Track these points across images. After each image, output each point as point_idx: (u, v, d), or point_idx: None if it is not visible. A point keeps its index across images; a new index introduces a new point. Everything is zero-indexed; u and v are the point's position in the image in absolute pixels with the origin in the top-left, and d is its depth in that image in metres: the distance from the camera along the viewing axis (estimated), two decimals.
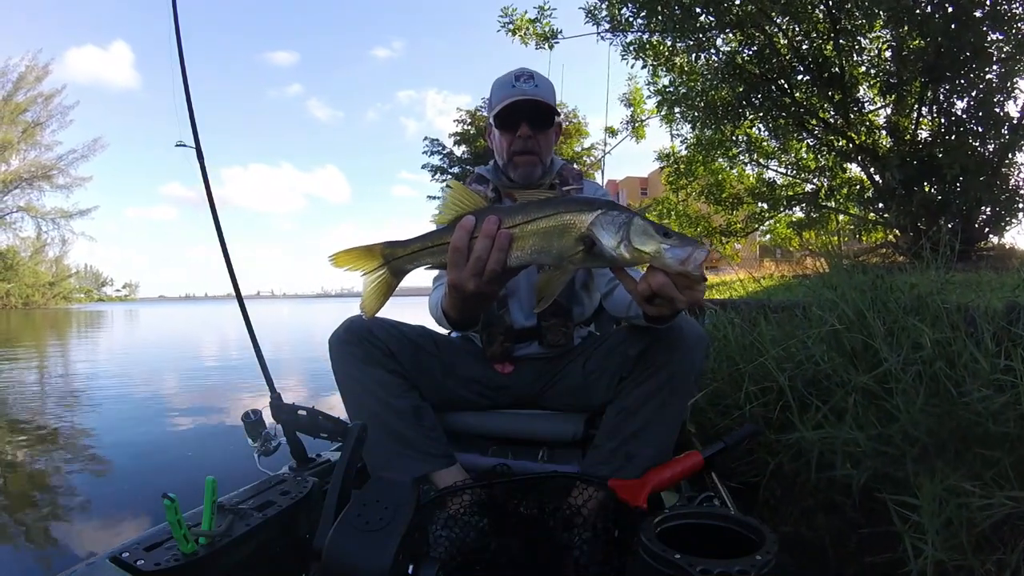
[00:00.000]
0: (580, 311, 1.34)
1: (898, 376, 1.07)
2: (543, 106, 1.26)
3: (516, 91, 1.26)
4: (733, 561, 0.66)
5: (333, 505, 0.82)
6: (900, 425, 1.02)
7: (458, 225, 0.80)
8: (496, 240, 0.78)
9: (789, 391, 1.27)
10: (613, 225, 0.75)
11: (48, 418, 3.66)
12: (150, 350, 9.40)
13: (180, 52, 1.48)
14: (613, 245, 0.74)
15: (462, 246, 0.80)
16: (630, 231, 0.74)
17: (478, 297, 0.85)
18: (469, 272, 0.80)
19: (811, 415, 1.20)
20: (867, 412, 1.11)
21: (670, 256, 0.72)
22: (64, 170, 40.46)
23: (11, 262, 38.95)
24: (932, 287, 1.34)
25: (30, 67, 38.12)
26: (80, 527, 1.86)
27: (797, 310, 1.69)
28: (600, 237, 0.75)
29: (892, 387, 1.08)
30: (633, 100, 9.68)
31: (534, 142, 1.28)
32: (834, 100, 6.89)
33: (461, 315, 1.03)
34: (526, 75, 1.28)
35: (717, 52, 7.34)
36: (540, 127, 1.28)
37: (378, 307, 0.88)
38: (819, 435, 1.11)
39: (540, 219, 0.78)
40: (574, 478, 1.00)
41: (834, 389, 1.21)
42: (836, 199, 8.10)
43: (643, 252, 0.73)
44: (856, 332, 1.26)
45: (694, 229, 9.68)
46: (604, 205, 0.78)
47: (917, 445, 1.00)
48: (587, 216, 0.76)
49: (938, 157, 5.67)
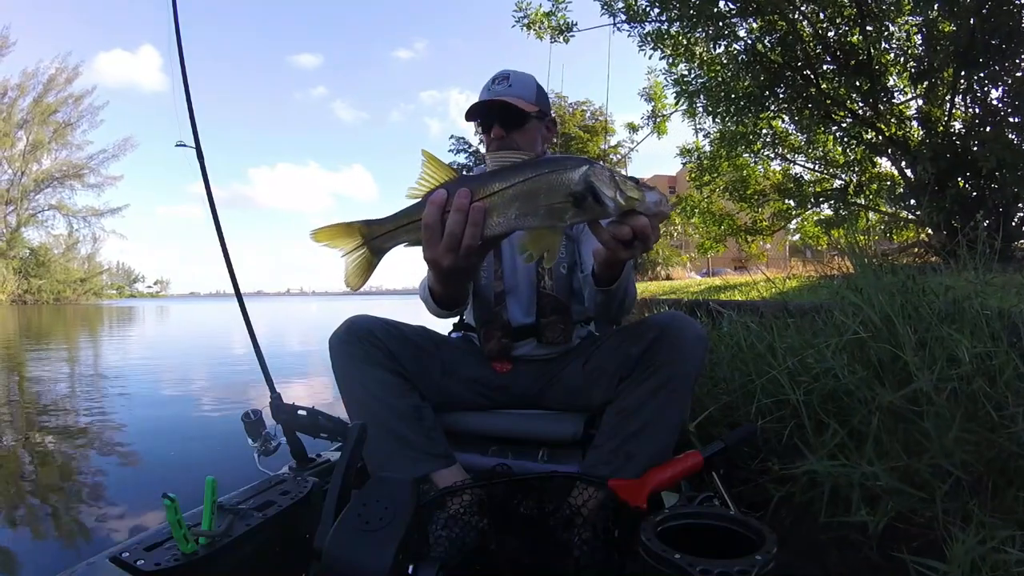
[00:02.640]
0: (579, 309, 1.33)
1: (930, 396, 0.94)
2: (510, 107, 1.26)
3: (487, 94, 1.30)
4: (733, 561, 0.66)
5: (333, 505, 0.81)
6: (930, 457, 0.89)
7: (429, 200, 0.77)
8: (470, 214, 0.75)
9: (804, 409, 1.15)
10: (606, 176, 0.78)
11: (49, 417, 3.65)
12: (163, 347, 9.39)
13: (180, 52, 1.50)
14: (612, 195, 0.77)
15: (433, 222, 0.77)
16: (618, 181, 0.78)
17: (457, 272, 0.83)
18: (444, 248, 0.78)
19: (827, 437, 1.07)
20: (892, 438, 0.98)
21: (650, 199, 0.79)
22: (95, 169, 42.04)
23: (43, 259, 40.36)
24: (969, 290, 1.21)
25: (60, 69, 39.54)
26: (79, 526, 1.86)
27: (819, 314, 1.56)
28: (601, 189, 0.77)
29: (923, 409, 0.94)
30: (654, 95, 9.54)
31: (510, 141, 1.29)
32: (862, 90, 6.64)
33: (445, 290, 1.03)
34: (501, 77, 1.32)
35: (738, 41, 7.14)
36: (512, 127, 1.29)
37: (361, 283, 0.86)
38: (832, 467, 0.99)
39: (522, 182, 0.76)
40: (574, 478, 1.00)
41: (856, 407, 1.08)
42: (865, 195, 7.87)
43: (633, 199, 0.78)
44: (883, 341, 1.13)
45: (718, 227, 9.53)
46: (584, 161, 0.78)
47: (948, 480, 0.87)
48: (577, 172, 0.77)
49: (973, 150, 5.45)
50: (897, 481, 0.90)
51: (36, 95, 38.50)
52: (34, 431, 3.25)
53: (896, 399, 0.98)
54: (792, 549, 1.05)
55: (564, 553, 0.93)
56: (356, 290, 0.89)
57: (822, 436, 1.09)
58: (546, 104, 1.35)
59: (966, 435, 0.88)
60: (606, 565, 0.91)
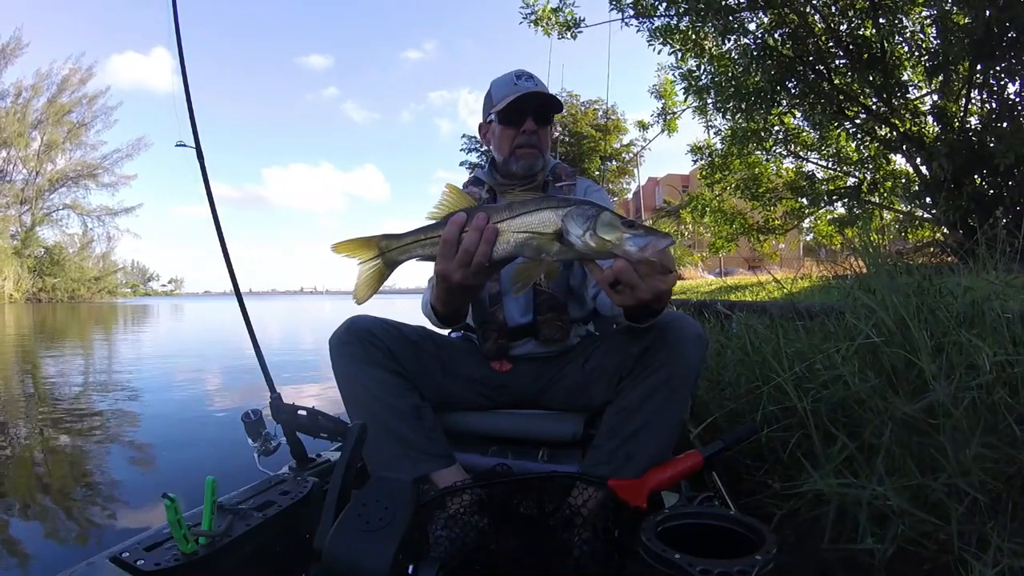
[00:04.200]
0: (578, 308, 1.34)
1: (947, 408, 0.88)
2: (549, 100, 1.31)
3: (520, 88, 1.32)
4: (733, 561, 0.67)
5: (333, 505, 0.81)
6: (947, 476, 0.83)
7: (450, 220, 0.88)
8: (484, 233, 0.86)
9: (811, 418, 1.10)
10: (582, 217, 0.83)
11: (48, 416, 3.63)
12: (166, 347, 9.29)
13: (180, 52, 1.52)
14: (579, 234, 0.82)
15: (452, 239, 0.88)
16: (596, 223, 0.82)
17: (463, 288, 0.92)
18: (457, 263, 0.88)
19: (835, 450, 1.02)
20: (904, 451, 0.92)
21: (631, 244, 0.80)
22: (109, 169, 42.38)
23: (57, 257, 40.80)
24: (989, 291, 1.15)
25: (73, 69, 39.85)
26: (79, 526, 1.86)
27: (829, 317, 1.50)
28: (569, 228, 0.83)
29: (940, 422, 0.89)
30: (664, 92, 9.45)
31: (537, 136, 1.33)
32: (875, 84, 6.51)
33: (447, 307, 1.11)
34: (526, 75, 1.35)
35: (747, 35, 7.02)
36: (543, 122, 1.34)
37: (369, 295, 0.96)
38: (838, 486, 0.93)
39: (523, 215, 0.87)
40: (574, 478, 1.01)
41: (867, 417, 1.03)
42: (880, 193, 7.74)
43: (606, 240, 0.81)
44: (897, 346, 1.07)
45: (729, 226, 9.44)
46: (579, 202, 0.86)
47: (965, 501, 0.81)
48: (561, 211, 0.85)
49: (989, 146, 5.32)
50: (909, 504, 0.84)
51: (50, 95, 38.86)
52: (34, 430, 3.25)
53: (911, 410, 0.92)
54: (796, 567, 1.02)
55: (564, 553, 0.94)
56: (362, 302, 0.97)
57: (830, 448, 1.04)
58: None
59: (985, 451, 0.83)
60: (606, 565, 0.91)
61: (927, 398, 0.92)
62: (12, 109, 36.70)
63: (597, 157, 20.15)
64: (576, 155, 19.81)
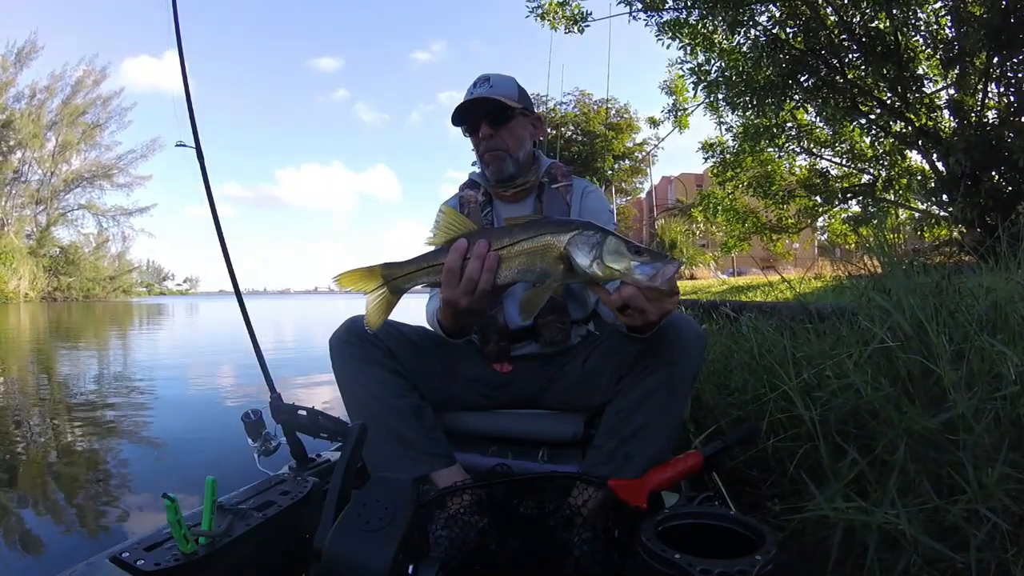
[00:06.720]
0: (578, 309, 1.33)
1: (969, 422, 0.81)
2: (494, 103, 1.29)
3: (470, 95, 1.31)
4: (733, 561, 0.67)
5: (333, 505, 0.82)
6: (966, 500, 0.77)
7: (452, 248, 0.89)
8: (486, 262, 0.87)
9: (819, 430, 1.03)
10: (587, 245, 0.82)
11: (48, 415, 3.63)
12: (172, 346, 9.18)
13: (180, 53, 1.53)
14: (587, 264, 0.81)
15: (455, 267, 0.88)
16: (603, 250, 0.81)
17: (471, 312, 0.94)
18: (462, 291, 0.89)
19: (845, 466, 0.95)
20: (920, 468, 0.86)
21: (639, 272, 0.79)
22: (124, 169, 43.03)
23: (72, 257, 41.46)
24: (1012, 292, 1.09)
25: (87, 71, 40.46)
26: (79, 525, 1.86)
27: (842, 319, 1.44)
28: (575, 256, 0.82)
29: (959, 438, 0.81)
30: (675, 88, 9.36)
31: (498, 139, 1.31)
32: (889, 77, 6.38)
33: (454, 326, 1.13)
34: (482, 79, 1.34)
35: (758, 27, 6.93)
36: (498, 124, 1.30)
37: (380, 322, 0.96)
38: (846, 510, 0.86)
39: (524, 241, 0.87)
40: (574, 478, 1.01)
41: (881, 430, 0.96)
42: (895, 190, 7.61)
43: (614, 269, 0.80)
44: (913, 352, 1.00)
45: (742, 225, 9.33)
46: (581, 226, 0.84)
47: (986, 527, 0.75)
48: (564, 236, 0.84)
49: (1007, 141, 5.21)
50: (923, 530, 0.78)
51: (65, 97, 39.47)
52: (34, 430, 3.26)
53: (928, 423, 0.85)
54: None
55: (564, 553, 0.94)
56: (375, 328, 0.97)
57: (839, 463, 0.98)
58: (528, 102, 1.36)
59: (1010, 471, 0.76)
60: (606, 565, 0.92)
61: (946, 411, 0.85)
62: (27, 110, 37.29)
63: (610, 156, 20.01)
64: (589, 154, 19.68)
